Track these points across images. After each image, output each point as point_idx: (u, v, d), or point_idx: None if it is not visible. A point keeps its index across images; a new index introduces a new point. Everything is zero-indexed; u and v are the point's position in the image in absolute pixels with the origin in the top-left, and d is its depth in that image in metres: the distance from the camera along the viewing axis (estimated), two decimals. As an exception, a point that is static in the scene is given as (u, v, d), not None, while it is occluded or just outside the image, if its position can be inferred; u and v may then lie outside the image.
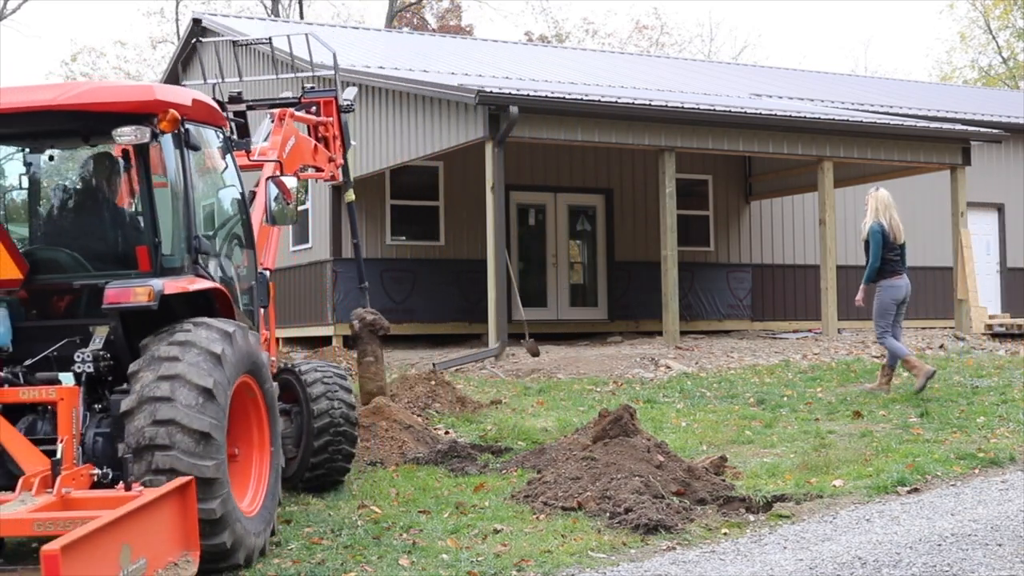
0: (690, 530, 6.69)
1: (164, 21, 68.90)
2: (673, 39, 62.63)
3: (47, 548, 4.30)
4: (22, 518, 5.11)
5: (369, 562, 6.14)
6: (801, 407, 11.49)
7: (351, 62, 20.32)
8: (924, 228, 24.22)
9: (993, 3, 50.01)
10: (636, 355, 15.73)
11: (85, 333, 6.37)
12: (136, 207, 6.54)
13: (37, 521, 5.05)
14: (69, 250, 6.66)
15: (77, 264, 6.60)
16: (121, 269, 6.49)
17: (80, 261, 6.61)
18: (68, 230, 6.86)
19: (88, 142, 6.73)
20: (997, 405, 11.09)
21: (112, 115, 6.29)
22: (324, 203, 20.07)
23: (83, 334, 6.38)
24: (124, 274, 6.38)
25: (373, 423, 9.69)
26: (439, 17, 49.81)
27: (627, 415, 8.16)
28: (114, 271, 6.46)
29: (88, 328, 6.37)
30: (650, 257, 20.72)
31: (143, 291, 6.02)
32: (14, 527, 5.10)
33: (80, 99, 6.26)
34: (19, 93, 6.44)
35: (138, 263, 6.41)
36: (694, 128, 17.44)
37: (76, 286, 6.50)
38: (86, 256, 6.63)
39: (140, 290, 6.03)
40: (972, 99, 29.77)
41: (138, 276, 6.31)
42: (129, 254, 6.52)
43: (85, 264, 6.60)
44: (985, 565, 5.79)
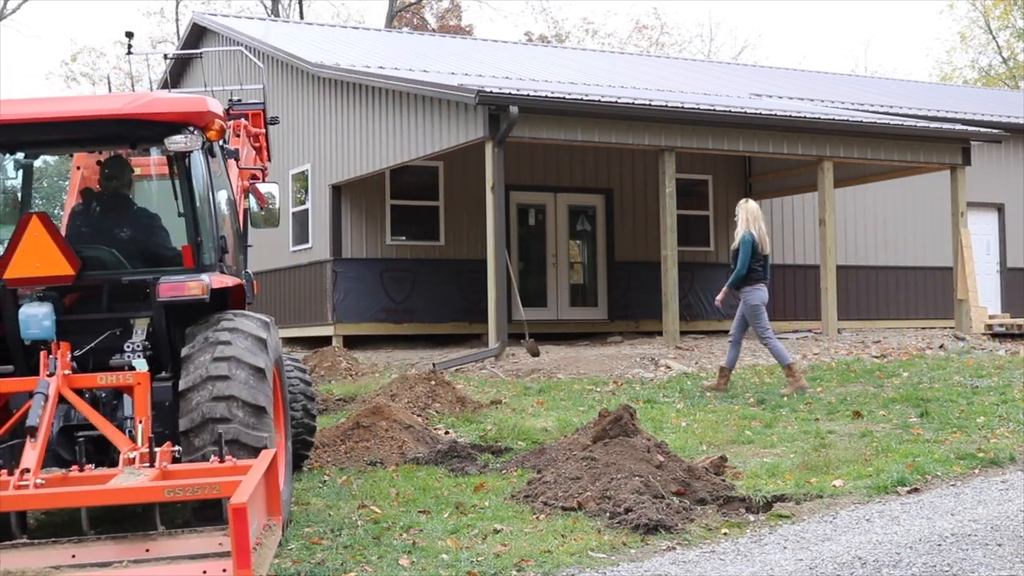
0: (690, 530, 6.69)
1: (164, 21, 68.94)
2: (673, 39, 62.69)
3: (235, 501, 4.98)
4: (154, 486, 5.61)
5: (369, 562, 6.14)
6: (801, 407, 11.49)
7: (351, 62, 20.34)
8: (924, 228, 24.25)
9: (993, 3, 50.03)
10: (636, 355, 15.74)
11: (125, 326, 6.85)
12: (180, 209, 7.00)
13: (168, 488, 5.58)
14: (112, 248, 7.14)
15: (118, 261, 7.08)
16: (163, 266, 7.05)
17: (120, 258, 7.08)
18: (113, 230, 7.33)
19: (135, 148, 7.25)
20: (997, 405, 11.09)
21: (160, 124, 6.84)
22: (324, 203, 20.08)
23: (123, 327, 6.85)
24: (168, 271, 6.89)
25: (373, 423, 9.69)
26: (439, 17, 49.82)
27: (627, 415, 8.16)
28: (155, 268, 7.00)
29: (128, 321, 6.85)
30: (650, 257, 20.73)
31: (196, 285, 6.64)
32: (148, 494, 5.62)
33: (147, 108, 6.82)
34: (83, 102, 7.13)
35: (183, 260, 6.95)
36: (694, 128, 17.44)
37: (124, 282, 6.97)
38: (127, 254, 7.14)
39: (193, 284, 6.64)
40: (972, 99, 29.78)
41: (177, 273, 6.86)
42: (168, 254, 7.18)
43: (124, 261, 7.09)
44: (985, 565, 5.79)
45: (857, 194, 23.43)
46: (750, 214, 12.38)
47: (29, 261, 6.69)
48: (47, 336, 6.71)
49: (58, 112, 6.88)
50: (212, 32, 25.67)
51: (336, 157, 19.91)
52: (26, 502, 5.67)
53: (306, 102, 21.19)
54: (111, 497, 5.67)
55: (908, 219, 24.24)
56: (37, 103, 7.00)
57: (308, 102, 21.11)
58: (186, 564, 5.36)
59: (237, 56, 24.40)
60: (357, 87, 19.32)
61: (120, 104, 6.83)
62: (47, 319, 6.73)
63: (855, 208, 23.72)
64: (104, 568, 5.40)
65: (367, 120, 19.06)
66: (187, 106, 6.93)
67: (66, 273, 6.72)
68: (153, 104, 6.88)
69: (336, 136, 19.96)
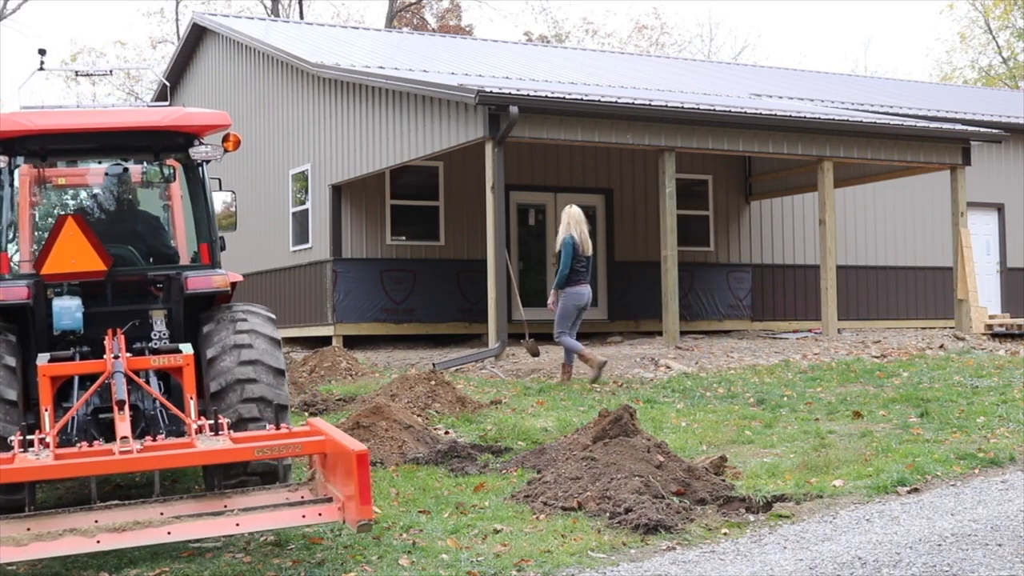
0: (690, 530, 6.69)
1: (164, 21, 68.91)
2: (673, 39, 62.65)
3: (358, 448, 5.93)
4: (246, 447, 6.36)
5: (369, 562, 6.15)
6: (801, 407, 11.49)
7: (351, 62, 20.34)
8: (924, 228, 24.26)
9: (993, 3, 50.02)
10: (636, 355, 15.74)
11: (144, 317, 7.67)
12: (199, 211, 7.91)
13: (257, 448, 6.36)
14: (133, 247, 8.05)
15: (136, 259, 7.99)
16: (179, 263, 8.05)
17: (138, 256, 8.01)
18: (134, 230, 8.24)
19: (158, 157, 8.05)
20: (997, 405, 11.08)
21: (187, 135, 7.82)
22: (324, 203, 20.08)
23: (142, 318, 7.67)
24: (186, 267, 7.87)
25: (373, 423, 9.68)
26: (439, 17, 49.81)
27: (627, 415, 8.16)
28: (171, 265, 7.97)
29: (146, 312, 7.69)
30: (650, 257, 20.73)
31: (220, 279, 7.66)
32: (241, 454, 6.39)
33: (180, 121, 7.81)
34: (119, 115, 7.92)
35: (203, 257, 7.89)
36: (694, 128, 17.44)
37: (146, 277, 7.83)
38: (148, 252, 8.08)
39: (217, 278, 7.66)
40: (972, 99, 29.79)
41: (191, 269, 7.80)
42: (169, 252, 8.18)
43: (140, 259, 8.00)
44: (985, 565, 5.79)
45: (857, 194, 23.44)
46: (572, 218, 13.19)
47: (65, 258, 7.34)
48: (77, 327, 7.41)
49: (99, 123, 7.69)
50: (212, 32, 25.68)
51: (336, 157, 19.92)
52: (136, 465, 6.29)
53: (306, 102, 21.19)
54: (210, 458, 6.36)
55: (908, 219, 24.24)
56: (78, 115, 7.80)
57: (308, 102, 21.11)
58: (287, 511, 6.27)
59: (237, 56, 24.41)
60: (357, 87, 19.32)
61: (159, 117, 7.71)
62: (78, 311, 7.42)
63: (855, 208, 23.73)
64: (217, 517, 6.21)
65: (367, 120, 19.06)
66: (215, 119, 7.95)
67: (99, 269, 7.40)
68: (189, 117, 7.87)
69: (336, 136, 19.96)
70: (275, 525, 6.35)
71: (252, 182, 23.25)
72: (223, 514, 6.28)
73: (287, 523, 6.29)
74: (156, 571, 6.13)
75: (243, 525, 6.21)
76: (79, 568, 6.28)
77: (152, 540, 6.07)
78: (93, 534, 6.01)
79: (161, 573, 6.10)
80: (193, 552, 6.50)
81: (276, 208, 22.03)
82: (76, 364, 7.15)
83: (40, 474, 6.23)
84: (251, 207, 23.21)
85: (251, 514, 6.28)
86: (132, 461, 6.23)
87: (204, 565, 6.21)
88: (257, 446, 6.41)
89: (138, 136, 7.76)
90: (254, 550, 6.50)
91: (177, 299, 7.66)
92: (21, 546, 5.91)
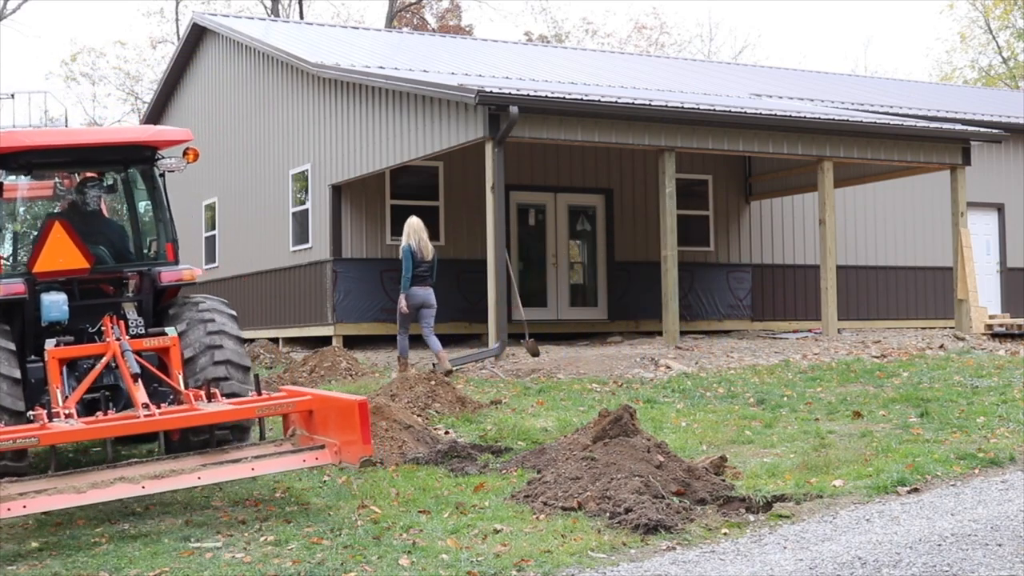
0: (690, 530, 6.69)
1: (164, 21, 68.90)
2: (673, 39, 62.67)
3: (359, 399, 7.34)
4: (250, 407, 7.54)
5: (369, 562, 6.15)
6: (801, 407, 11.49)
7: (351, 62, 20.33)
8: (924, 228, 24.25)
9: (993, 3, 50.01)
10: (636, 355, 15.73)
11: (117, 308, 8.63)
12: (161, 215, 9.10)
13: (259, 407, 7.55)
14: (108, 247, 9.03)
15: (110, 257, 8.99)
16: (150, 261, 9.05)
17: (109, 255, 8.98)
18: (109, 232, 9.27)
19: (128, 168, 9.19)
20: (997, 405, 11.09)
21: (148, 148, 8.95)
22: (324, 203, 20.08)
23: (115, 310, 8.60)
24: (156, 263, 8.94)
25: (373, 423, 9.68)
26: (439, 17, 49.80)
27: (627, 415, 8.15)
28: (143, 262, 9.03)
29: (119, 304, 8.69)
30: (650, 257, 20.73)
31: (188, 273, 8.88)
32: (245, 413, 7.58)
33: (148, 136, 9.09)
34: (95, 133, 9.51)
35: (168, 255, 9.01)
36: (694, 128, 17.43)
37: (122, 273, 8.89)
38: (119, 252, 9.09)
39: (187, 273, 8.89)
40: (972, 99, 29.78)
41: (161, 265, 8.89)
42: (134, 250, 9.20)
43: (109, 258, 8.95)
44: (985, 565, 5.79)
45: (857, 194, 23.43)
46: (411, 228, 14.57)
47: (54, 257, 8.42)
48: (64, 318, 8.37)
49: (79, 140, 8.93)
50: (212, 32, 25.67)
51: (336, 157, 19.91)
52: (165, 424, 7.42)
53: (306, 102, 21.18)
54: (222, 416, 7.47)
55: (908, 219, 24.24)
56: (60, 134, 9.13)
57: (308, 102, 21.10)
58: (290, 457, 7.53)
59: (237, 56, 24.40)
60: (357, 87, 19.31)
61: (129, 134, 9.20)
62: (64, 304, 8.41)
63: (855, 208, 23.72)
64: (234, 465, 7.30)
65: (367, 120, 19.06)
66: (178, 135, 9.23)
67: (84, 266, 8.53)
68: (156, 133, 9.19)
69: (336, 136, 19.95)
70: (283, 468, 7.58)
71: (252, 182, 23.25)
72: (240, 462, 7.31)
73: (291, 466, 7.57)
74: (156, 571, 6.13)
75: (258, 469, 7.40)
76: (79, 568, 6.28)
77: (187, 484, 7.16)
78: (138, 481, 6.97)
79: (161, 573, 6.10)
80: (193, 552, 6.51)
81: (276, 208, 22.03)
82: (81, 347, 8.09)
83: (80, 436, 7.29)
84: (251, 207, 23.21)
85: (261, 461, 7.39)
86: (156, 422, 7.30)
87: (204, 565, 6.21)
88: (258, 406, 7.56)
89: (111, 151, 8.93)
90: (254, 550, 6.50)
91: (148, 291, 8.82)
92: (80, 492, 6.80)
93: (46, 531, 7.27)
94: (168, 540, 6.78)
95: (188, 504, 7.92)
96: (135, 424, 7.29)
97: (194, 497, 8.12)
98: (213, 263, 24.84)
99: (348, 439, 7.35)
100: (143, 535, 6.96)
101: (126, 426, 7.29)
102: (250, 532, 6.93)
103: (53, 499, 6.79)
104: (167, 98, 28.18)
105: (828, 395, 12.19)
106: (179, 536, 6.87)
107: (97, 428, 7.22)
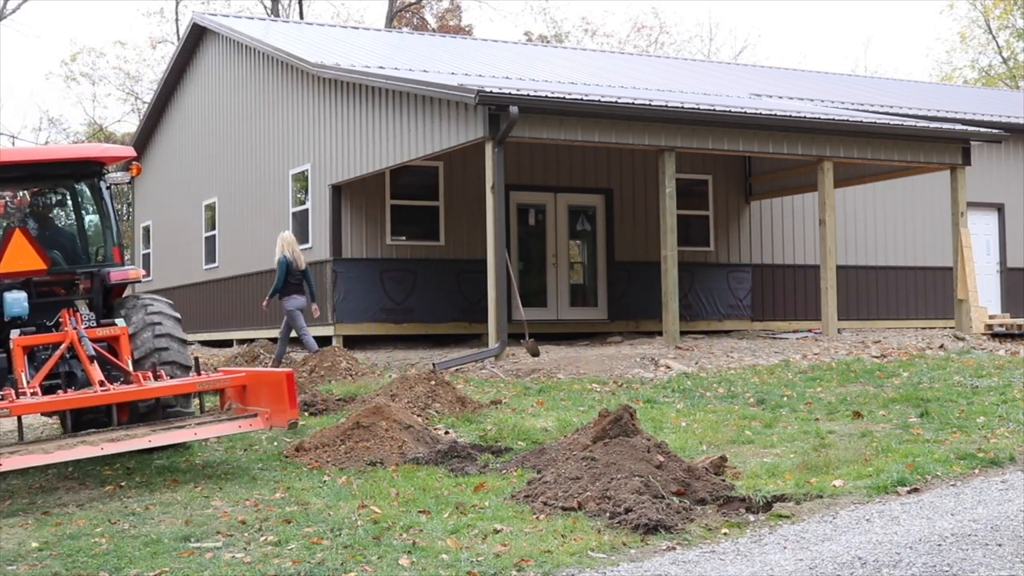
0: (690, 530, 6.69)
1: (164, 21, 68.95)
2: (672, 39, 62.67)
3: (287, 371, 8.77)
4: (192, 382, 8.94)
5: (369, 562, 6.14)
6: (801, 407, 11.48)
7: (351, 62, 20.33)
8: (924, 228, 24.26)
9: (993, 3, 50.02)
10: (636, 355, 15.73)
11: (71, 305, 9.84)
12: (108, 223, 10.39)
13: (200, 383, 8.92)
14: (62, 251, 10.26)
15: (64, 260, 10.22)
16: (99, 263, 10.29)
17: (63, 258, 10.22)
18: (62, 238, 10.48)
19: (78, 182, 10.49)
20: (997, 405, 11.08)
21: (96, 163, 10.21)
22: (324, 203, 20.08)
23: (70, 306, 9.79)
24: (103, 266, 10.17)
25: (373, 423, 9.68)
26: (439, 17, 49.79)
27: (627, 415, 8.15)
28: (92, 264, 10.30)
29: (72, 301, 9.95)
30: (650, 257, 20.73)
31: (134, 273, 10.24)
32: (186, 387, 8.91)
33: (95, 153, 10.30)
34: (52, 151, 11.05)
35: (115, 258, 10.29)
36: (694, 128, 17.43)
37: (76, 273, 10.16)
38: (72, 255, 10.34)
39: (133, 272, 10.24)
40: (972, 99, 29.78)
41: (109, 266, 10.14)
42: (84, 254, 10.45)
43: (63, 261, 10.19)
44: (985, 565, 5.79)
45: (857, 194, 23.44)
46: (285, 242, 15.95)
47: (15, 260, 9.69)
48: (24, 313, 9.57)
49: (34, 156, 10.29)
50: (212, 32, 25.67)
51: (336, 157, 19.91)
52: (120, 397, 8.64)
53: (306, 102, 21.18)
54: (173, 390, 8.92)
55: (908, 219, 24.24)
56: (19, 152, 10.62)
57: (308, 102, 21.10)
58: (227, 423, 8.87)
59: (237, 56, 24.40)
60: (357, 87, 19.31)
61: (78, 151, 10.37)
62: (25, 301, 9.61)
63: (855, 208, 23.73)
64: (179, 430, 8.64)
65: (367, 120, 19.06)
66: (122, 152, 10.57)
67: (42, 267, 9.88)
68: (112, 150, 10.54)
69: (336, 136, 19.95)
70: (220, 433, 8.97)
71: (252, 182, 23.25)
72: (185, 428, 8.71)
73: (228, 431, 8.96)
74: (156, 571, 6.13)
75: (200, 434, 8.75)
76: (79, 568, 6.28)
77: (139, 446, 8.50)
78: (97, 444, 8.20)
79: (161, 573, 6.10)
80: (193, 552, 6.51)
81: (276, 208, 22.03)
82: (43, 336, 9.32)
83: (45, 407, 8.55)
84: (251, 207, 23.21)
85: (202, 427, 8.74)
86: (111, 395, 8.57)
87: (204, 565, 6.21)
88: (198, 381, 8.93)
89: (62, 166, 10.21)
90: (254, 550, 6.50)
91: (99, 290, 10.05)
92: (47, 453, 7.99)
93: (46, 531, 7.26)
94: (168, 540, 6.78)
95: (188, 504, 7.91)
96: (93, 397, 8.51)
97: (194, 497, 8.12)
98: (213, 263, 24.84)
99: (278, 407, 8.68)
100: (143, 535, 6.96)
101: (85, 399, 8.49)
102: (250, 532, 6.93)
103: (25, 458, 7.91)
104: (167, 98, 28.18)
105: (828, 395, 12.19)
106: (179, 536, 6.87)
107: (60, 401, 8.48)
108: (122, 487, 8.67)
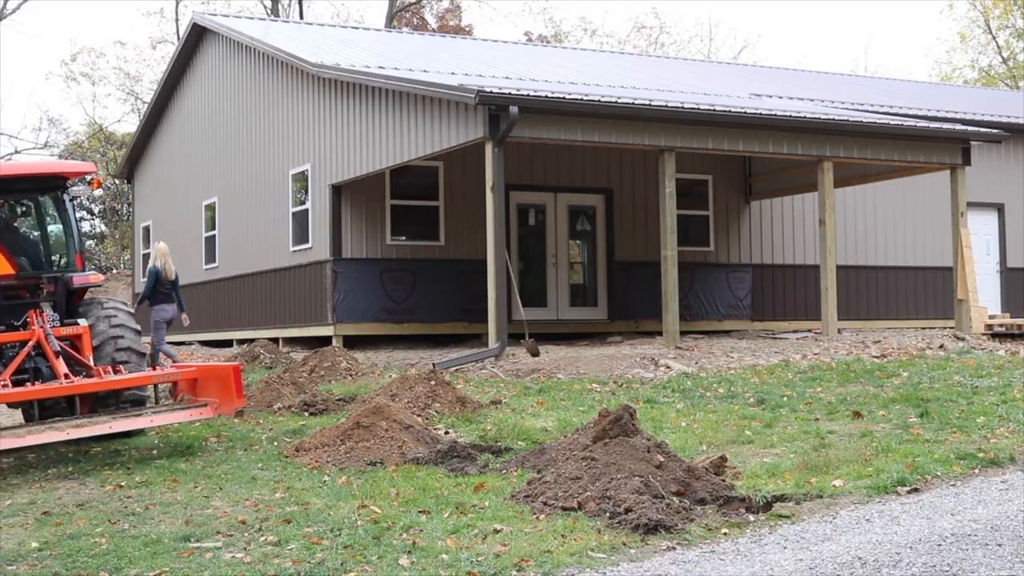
0: (690, 530, 6.69)
1: (164, 21, 69.04)
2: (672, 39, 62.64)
3: (233, 364, 9.89)
4: (148, 375, 10.38)
5: (369, 562, 6.14)
6: (801, 407, 11.48)
7: (351, 62, 20.33)
8: (924, 228, 24.25)
9: (993, 3, 50.02)
10: (636, 355, 15.73)
11: (36, 307, 10.68)
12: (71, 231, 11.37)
13: (156, 376, 10.54)
14: (28, 258, 11.14)
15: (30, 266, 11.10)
16: (62, 269, 11.22)
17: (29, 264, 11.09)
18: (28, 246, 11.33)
19: (43, 195, 11.32)
20: (997, 405, 11.08)
21: (59, 177, 11.24)
22: (324, 203, 20.07)
23: (35, 307, 10.66)
24: (66, 271, 11.12)
25: (373, 423, 9.68)
26: (439, 17, 49.79)
27: (627, 415, 8.15)
28: (56, 270, 11.19)
29: (37, 304, 10.83)
30: (650, 257, 20.71)
31: (95, 277, 11.38)
32: (143, 380, 10.21)
33: (57, 168, 11.55)
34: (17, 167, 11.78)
35: (77, 264, 11.27)
36: (694, 128, 17.43)
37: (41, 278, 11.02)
38: (37, 261, 11.21)
39: (93, 277, 11.32)
40: (972, 99, 29.77)
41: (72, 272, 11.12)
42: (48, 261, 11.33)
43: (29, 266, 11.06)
44: (985, 565, 5.79)
45: (857, 194, 23.43)
46: (158, 252, 16.59)
47: None
48: None
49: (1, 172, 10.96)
50: (212, 32, 25.66)
51: (336, 157, 19.91)
52: (84, 388, 9.72)
53: (306, 102, 21.18)
54: (131, 383, 10.05)
55: (908, 219, 24.24)
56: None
57: (308, 102, 21.10)
58: (180, 412, 9.94)
59: (237, 56, 24.39)
60: (357, 87, 19.31)
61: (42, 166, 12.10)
62: None
63: (855, 208, 23.72)
64: (137, 418, 9.74)
65: (367, 120, 19.06)
66: (83, 168, 11.51)
67: (10, 272, 10.81)
68: (72, 166, 11.62)
69: (336, 136, 19.95)
70: (174, 421, 10.04)
71: (252, 182, 23.25)
72: (142, 415, 9.82)
73: (181, 419, 10.03)
74: (156, 571, 6.13)
75: (155, 421, 9.86)
76: (79, 568, 6.28)
77: (101, 431, 9.51)
78: (63, 429, 9.27)
79: (161, 573, 6.10)
80: (193, 552, 6.51)
81: (276, 208, 22.03)
82: (12, 334, 10.30)
83: (15, 397, 9.55)
84: (251, 207, 23.21)
85: (158, 415, 9.86)
86: (75, 387, 9.65)
87: (204, 565, 6.21)
88: (154, 375, 10.44)
89: (27, 180, 11.14)
90: (254, 550, 6.50)
91: (62, 293, 10.97)
92: (19, 436, 9.04)
93: (46, 531, 7.26)
94: (168, 540, 6.78)
95: (188, 504, 7.92)
96: (58, 388, 9.53)
97: (194, 497, 8.12)
98: (213, 263, 24.84)
99: (226, 398, 9.74)
100: (143, 535, 6.96)
101: (51, 389, 9.52)
102: (250, 532, 6.93)
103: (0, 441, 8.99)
104: (167, 98, 28.17)
105: (828, 395, 12.19)
106: (179, 536, 6.87)
107: (28, 391, 9.56)
108: (122, 487, 8.67)
